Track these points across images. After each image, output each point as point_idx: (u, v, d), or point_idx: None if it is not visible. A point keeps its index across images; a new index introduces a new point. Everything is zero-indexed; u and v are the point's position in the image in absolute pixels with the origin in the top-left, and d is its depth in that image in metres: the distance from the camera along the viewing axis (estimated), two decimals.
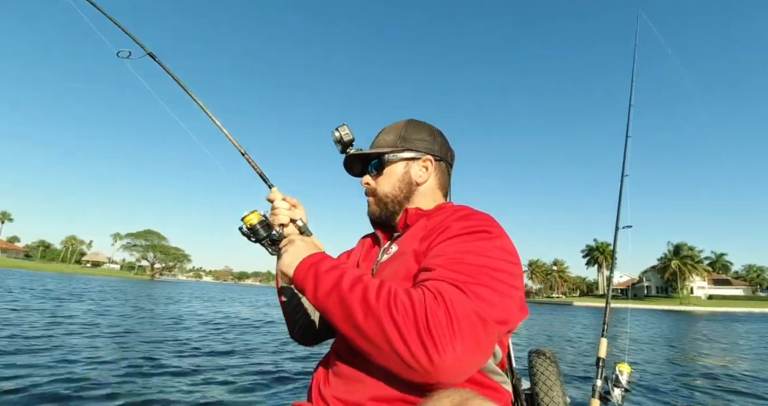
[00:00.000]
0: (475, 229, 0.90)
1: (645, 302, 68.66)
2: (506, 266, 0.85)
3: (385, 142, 1.15)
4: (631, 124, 2.27)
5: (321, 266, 0.88)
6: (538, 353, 1.49)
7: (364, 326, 0.75)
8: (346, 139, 1.15)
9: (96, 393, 3.60)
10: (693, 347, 11.38)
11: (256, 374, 4.80)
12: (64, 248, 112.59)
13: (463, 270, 0.81)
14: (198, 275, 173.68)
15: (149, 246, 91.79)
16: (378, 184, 1.14)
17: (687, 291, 70.72)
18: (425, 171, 1.13)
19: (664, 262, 73.26)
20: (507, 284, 0.82)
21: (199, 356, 5.67)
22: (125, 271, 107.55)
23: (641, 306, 61.75)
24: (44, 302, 12.08)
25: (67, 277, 42.70)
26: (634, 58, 2.39)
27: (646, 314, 38.38)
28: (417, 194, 1.12)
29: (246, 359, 5.66)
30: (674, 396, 5.09)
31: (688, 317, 34.91)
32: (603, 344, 1.95)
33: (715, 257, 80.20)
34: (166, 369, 4.71)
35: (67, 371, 4.27)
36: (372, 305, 0.76)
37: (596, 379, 1.81)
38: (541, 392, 1.35)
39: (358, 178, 1.22)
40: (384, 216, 1.13)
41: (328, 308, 0.82)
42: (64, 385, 3.75)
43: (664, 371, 6.91)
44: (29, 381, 3.77)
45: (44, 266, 76.54)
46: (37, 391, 3.51)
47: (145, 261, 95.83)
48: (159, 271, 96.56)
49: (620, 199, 2.18)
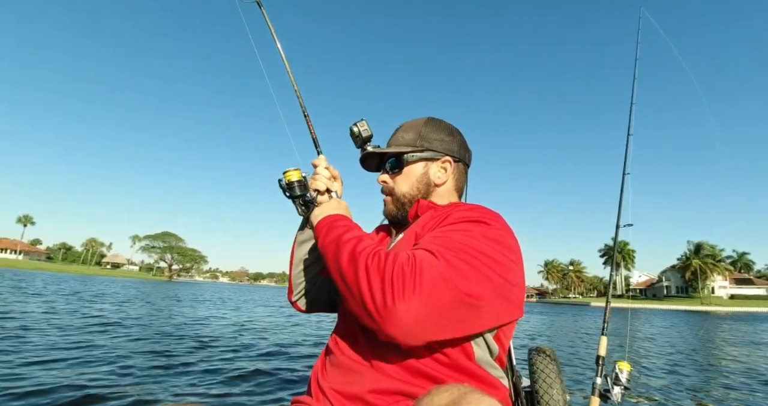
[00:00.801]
0: (473, 218, 0.91)
1: (664, 302, 67.50)
2: (492, 252, 0.84)
3: (404, 141, 1.14)
4: (632, 122, 2.27)
5: (339, 221, 0.98)
6: (538, 350, 1.49)
7: (345, 271, 0.82)
8: (365, 135, 1.14)
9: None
10: (710, 347, 11.16)
11: (259, 373, 4.84)
12: (84, 250, 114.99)
13: (443, 243, 0.83)
14: (214, 276, 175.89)
15: (167, 248, 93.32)
16: (396, 184, 1.14)
17: (708, 291, 69.32)
18: (444, 172, 1.12)
19: (684, 261, 71.93)
20: (487, 265, 0.81)
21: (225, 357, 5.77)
22: (144, 272, 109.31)
23: (660, 306, 60.70)
24: (87, 304, 12.35)
25: (90, 278, 43.56)
26: (636, 56, 2.38)
27: (665, 314, 37.72)
28: (434, 195, 1.12)
29: (253, 358, 5.74)
30: (679, 396, 5.02)
31: (707, 317, 34.22)
32: (603, 342, 1.95)
33: (737, 255, 78.60)
34: (189, 368, 4.81)
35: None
36: (356, 254, 0.82)
37: (596, 377, 1.79)
38: (541, 389, 1.35)
39: (370, 173, 1.22)
40: (401, 216, 1.13)
41: (327, 252, 0.91)
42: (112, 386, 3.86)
43: (672, 370, 6.81)
44: (90, 381, 3.90)
45: (66, 267, 78.33)
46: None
47: (163, 262, 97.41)
48: (177, 272, 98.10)
49: (621, 197, 2.17)
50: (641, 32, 2.40)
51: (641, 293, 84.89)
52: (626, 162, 2.22)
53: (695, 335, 14.84)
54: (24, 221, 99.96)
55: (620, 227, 2.15)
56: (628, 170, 2.20)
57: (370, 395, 0.84)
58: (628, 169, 2.21)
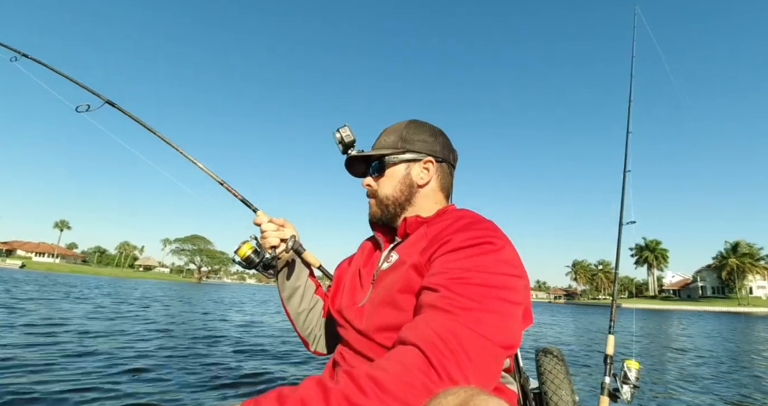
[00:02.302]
0: (478, 241, 0.87)
1: (699, 303, 65.17)
2: (512, 281, 0.82)
3: (386, 144, 1.14)
4: (631, 119, 2.28)
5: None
6: (545, 351, 1.48)
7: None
8: (347, 140, 1.15)
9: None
10: (747, 350, 10.78)
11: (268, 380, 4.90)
12: (118, 253, 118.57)
13: (466, 293, 0.78)
14: (242, 278, 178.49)
15: (196, 250, 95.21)
16: (379, 186, 1.13)
17: (746, 291, 66.64)
18: (426, 172, 1.11)
19: (720, 260, 69.34)
20: (513, 302, 0.80)
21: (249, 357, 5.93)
22: (174, 274, 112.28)
23: (694, 307, 58.71)
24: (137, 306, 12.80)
25: (124, 281, 45.02)
26: (632, 54, 2.38)
27: (699, 315, 36.47)
28: (418, 196, 1.11)
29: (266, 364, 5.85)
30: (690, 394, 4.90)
31: (745, 318, 32.89)
32: (610, 341, 1.94)
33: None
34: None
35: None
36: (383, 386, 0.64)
37: (605, 376, 1.79)
38: (549, 390, 1.34)
39: (359, 179, 1.22)
40: (385, 218, 1.12)
41: None
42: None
43: (693, 372, 6.63)
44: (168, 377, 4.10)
45: (101, 270, 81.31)
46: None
47: (192, 265, 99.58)
48: (205, 274, 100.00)
49: (623, 194, 2.17)
50: (637, 29, 2.41)
51: (675, 294, 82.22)
52: (626, 159, 2.23)
53: (728, 338, 14.34)
54: (60, 225, 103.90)
55: (623, 225, 2.16)
56: (629, 168, 2.22)
57: None
58: (629, 167, 2.22)
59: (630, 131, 2.26)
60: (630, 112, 2.28)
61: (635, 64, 2.42)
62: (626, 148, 2.25)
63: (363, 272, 1.12)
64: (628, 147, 2.24)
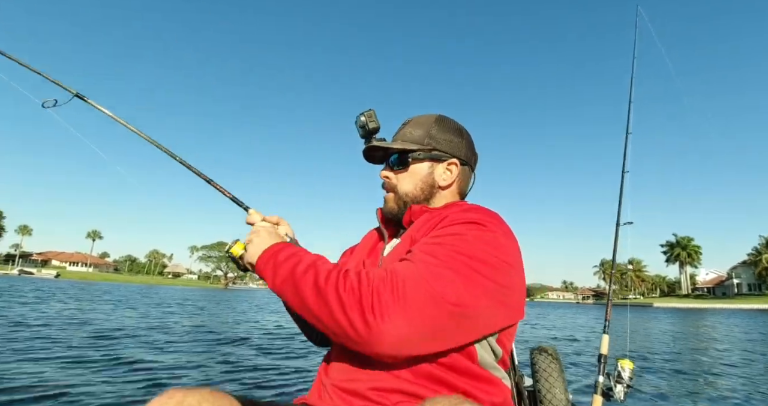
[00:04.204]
0: (468, 220, 0.88)
1: (734, 301, 62.71)
2: (486, 256, 0.82)
3: (411, 137, 1.09)
4: (631, 120, 2.28)
5: (280, 254, 0.90)
6: (540, 350, 1.51)
7: (314, 308, 0.78)
8: (371, 126, 1.10)
9: None
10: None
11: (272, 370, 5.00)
12: (148, 261, 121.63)
13: (432, 251, 0.81)
14: None
15: (222, 257, 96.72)
16: (399, 181, 1.09)
17: None
18: (449, 174, 1.08)
19: (756, 256, 66.76)
20: (479, 272, 0.79)
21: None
22: (202, 280, 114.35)
23: (728, 306, 56.54)
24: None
25: (156, 288, 45.97)
26: (633, 54, 2.38)
27: (732, 314, 35.14)
28: (437, 197, 1.08)
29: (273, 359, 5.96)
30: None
31: None
32: (605, 340, 1.96)
33: None
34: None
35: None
36: (321, 287, 0.78)
37: (598, 375, 1.81)
38: (544, 389, 1.38)
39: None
40: (401, 214, 1.08)
41: (284, 293, 0.85)
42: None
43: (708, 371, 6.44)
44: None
45: (132, 278, 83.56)
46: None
47: (219, 271, 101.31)
48: (232, 280, 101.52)
49: (621, 195, 2.18)
50: (639, 29, 2.40)
51: (709, 292, 79.44)
52: (625, 160, 2.24)
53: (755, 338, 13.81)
54: (93, 235, 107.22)
55: (620, 225, 2.17)
56: (628, 168, 2.22)
57: (371, 392, 0.84)
58: (627, 168, 2.23)
59: (630, 132, 2.26)
60: (630, 113, 2.28)
61: (636, 64, 2.43)
62: (625, 149, 2.25)
63: (367, 262, 1.10)
64: (627, 148, 2.25)
